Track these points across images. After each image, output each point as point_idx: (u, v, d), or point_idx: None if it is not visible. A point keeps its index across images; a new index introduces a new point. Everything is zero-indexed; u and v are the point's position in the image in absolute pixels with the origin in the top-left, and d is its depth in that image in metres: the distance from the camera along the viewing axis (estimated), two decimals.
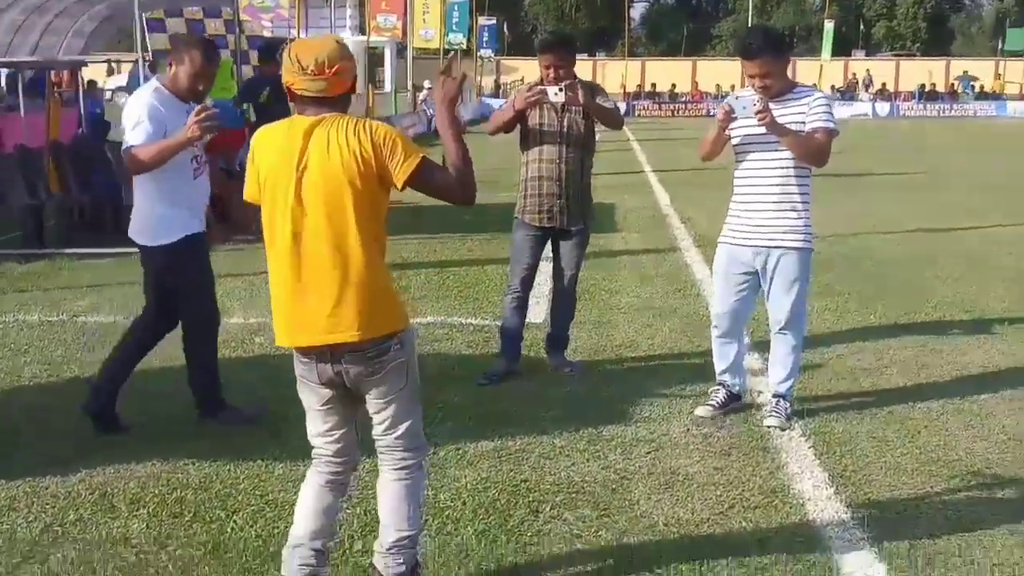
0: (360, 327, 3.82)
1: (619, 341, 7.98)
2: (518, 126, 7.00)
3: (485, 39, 52.28)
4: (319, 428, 4.08)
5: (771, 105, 5.86)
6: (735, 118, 5.99)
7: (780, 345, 6.30)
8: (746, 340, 6.98)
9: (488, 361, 7.36)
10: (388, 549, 4.02)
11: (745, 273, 6.19)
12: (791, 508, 5.04)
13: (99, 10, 13.92)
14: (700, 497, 5.15)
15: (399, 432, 4.00)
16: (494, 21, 55.17)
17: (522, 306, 7.18)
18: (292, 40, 8.44)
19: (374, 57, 72.13)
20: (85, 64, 15.48)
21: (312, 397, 4.03)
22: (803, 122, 5.93)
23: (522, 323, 7.21)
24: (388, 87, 50.63)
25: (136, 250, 6.09)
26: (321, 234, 3.81)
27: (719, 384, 6.43)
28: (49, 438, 5.88)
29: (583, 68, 61.25)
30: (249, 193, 3.97)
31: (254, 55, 16.58)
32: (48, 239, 12.02)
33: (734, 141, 6.15)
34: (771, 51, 5.92)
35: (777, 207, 6.04)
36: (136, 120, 5.71)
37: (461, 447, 5.76)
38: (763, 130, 5.88)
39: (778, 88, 5.98)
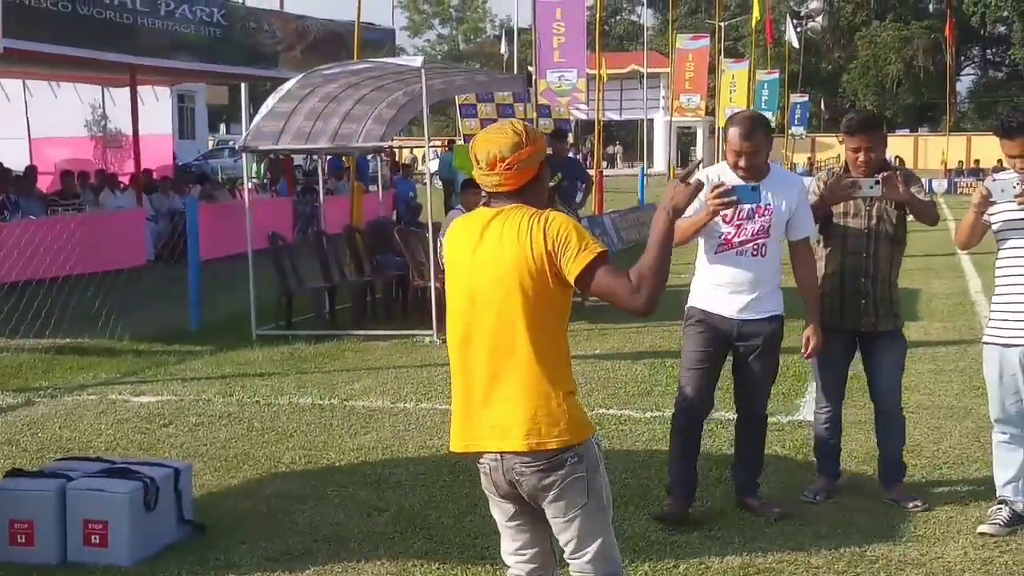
0: (528, 436, 3.55)
1: None
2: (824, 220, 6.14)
3: (797, 116, 51.29)
4: (509, 546, 3.83)
5: None
6: (993, 202, 5.40)
7: None
8: None
9: None
10: None
11: (1017, 374, 5.52)
12: None
13: (397, 97, 14.31)
14: None
15: (588, 556, 3.68)
16: (807, 98, 54.09)
17: (835, 421, 6.38)
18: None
19: (685, 138, 72.41)
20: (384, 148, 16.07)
21: (497, 511, 3.80)
22: None
23: (838, 440, 6.45)
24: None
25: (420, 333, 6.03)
26: (490, 334, 3.59)
27: (1000, 501, 5.72)
28: (288, 529, 5.84)
29: (903, 144, 59.36)
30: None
31: None
32: (339, 321, 12.38)
33: (995, 227, 5.56)
34: None
35: None
36: None
37: (703, 561, 5.32)
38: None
39: None
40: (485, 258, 3.58)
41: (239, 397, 8.92)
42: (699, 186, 3.66)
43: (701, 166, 4.66)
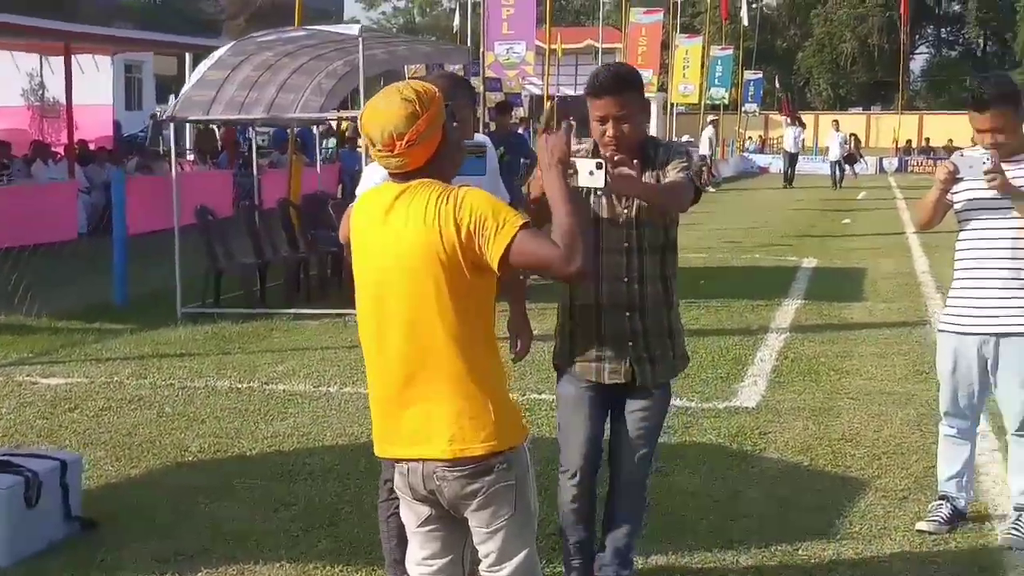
0: (451, 442, 3.17)
1: (839, 433, 6.99)
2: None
3: (751, 94, 51.07)
4: (416, 554, 3.43)
5: (1003, 166, 4.93)
6: (960, 179, 5.07)
7: (1018, 449, 5.30)
8: (981, 443, 5.95)
9: (683, 450, 6.57)
10: None
11: (972, 366, 5.22)
12: None
13: (336, 67, 13.86)
14: None
15: (506, 570, 3.30)
16: (761, 75, 53.86)
17: (587, 497, 4.51)
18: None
19: None
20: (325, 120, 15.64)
21: (409, 514, 3.41)
22: None
23: (590, 525, 4.60)
24: None
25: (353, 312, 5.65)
26: (403, 327, 3.18)
27: (942, 496, 5.43)
28: (186, 526, 5.44)
29: (855, 122, 59.31)
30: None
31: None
32: (271, 299, 11.96)
33: (957, 207, 5.22)
34: (1005, 102, 4.99)
35: (1005, 285, 5.09)
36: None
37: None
38: (992, 194, 4.99)
39: (1012, 146, 5.04)
40: (391, 243, 3.17)
41: (153, 380, 8.49)
42: (569, 129, 3.33)
43: (555, 107, 4.21)
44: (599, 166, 3.78)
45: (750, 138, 54.66)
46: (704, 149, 36.21)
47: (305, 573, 4.87)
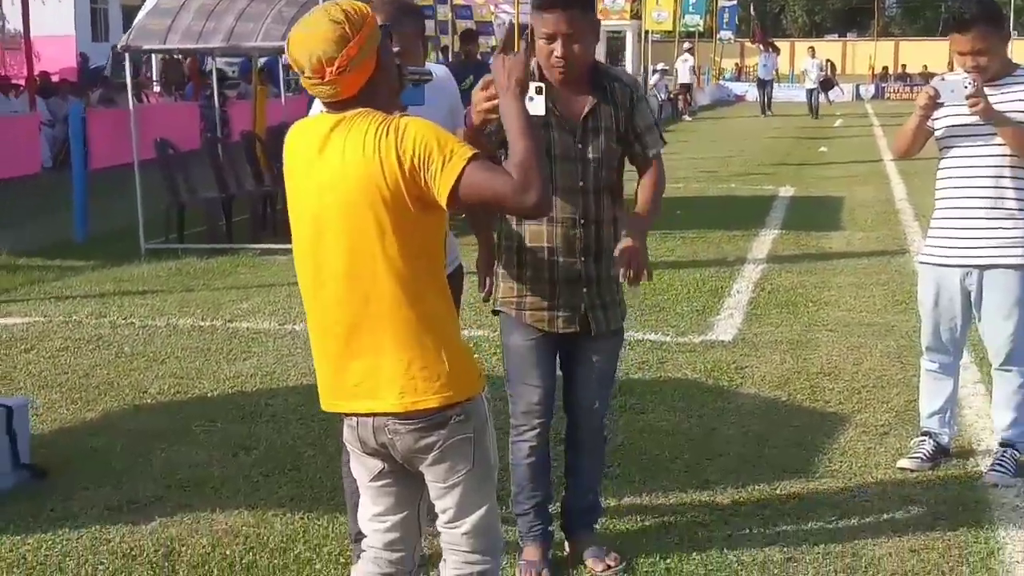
0: (402, 394, 2.94)
1: (818, 367, 6.81)
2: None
3: (725, 20, 50.48)
4: (368, 510, 3.21)
5: (986, 90, 4.71)
6: (940, 104, 4.84)
7: (1003, 383, 5.13)
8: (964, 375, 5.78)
9: (657, 386, 6.38)
10: None
11: (955, 298, 5.03)
12: None
13: None
14: None
15: (464, 527, 3.09)
16: (735, 2, 53.23)
17: (544, 451, 4.23)
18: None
19: (614, 42, 71.26)
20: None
21: (360, 469, 3.18)
22: None
23: (547, 481, 4.31)
24: (629, 71, 49.74)
25: None
26: (344, 271, 2.94)
27: (924, 433, 5.27)
28: (141, 472, 5.23)
29: (831, 49, 58.90)
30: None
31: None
32: (237, 235, 11.67)
33: (937, 133, 5.01)
34: (988, 22, 4.76)
35: (989, 215, 4.90)
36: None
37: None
38: (974, 119, 4.78)
39: (995, 69, 4.84)
40: (327, 179, 2.90)
41: (113, 318, 8.23)
42: (528, 50, 3.06)
43: (516, 29, 3.86)
44: (539, 90, 3.40)
45: (725, 67, 54.18)
46: (684, 78, 35.80)
47: (264, 521, 4.65)
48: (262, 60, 18.97)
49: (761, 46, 40.89)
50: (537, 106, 3.39)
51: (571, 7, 3.82)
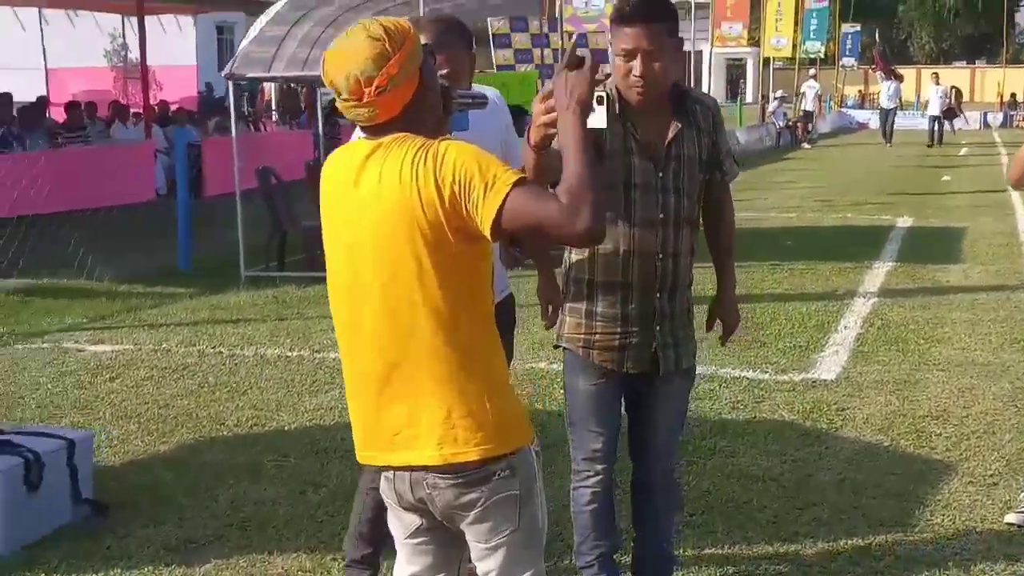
0: (441, 445, 2.69)
1: (925, 410, 6.40)
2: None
3: (848, 47, 49.51)
4: (403, 570, 2.97)
5: None
6: None
7: None
8: None
9: (751, 427, 6.06)
10: None
11: None
12: None
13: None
14: None
15: None
16: (859, 28, 52.20)
17: (608, 498, 3.99)
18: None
19: (735, 69, 70.52)
20: None
21: (396, 523, 2.94)
22: None
23: (613, 531, 4.07)
24: (750, 99, 49.25)
25: None
26: (380, 309, 2.71)
27: None
28: (205, 509, 5.07)
29: (960, 76, 57.41)
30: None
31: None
32: None
33: None
34: None
35: None
36: None
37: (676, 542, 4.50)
38: None
39: None
40: (363, 208, 2.68)
41: (202, 347, 8.17)
42: (595, 68, 2.75)
43: (575, 44, 3.55)
44: (599, 100, 2.89)
45: (848, 94, 53.13)
46: (809, 104, 35.11)
47: (321, 565, 4.47)
48: None
49: (882, 74, 39.95)
50: (597, 118, 2.97)
51: (655, 20, 3.52)
